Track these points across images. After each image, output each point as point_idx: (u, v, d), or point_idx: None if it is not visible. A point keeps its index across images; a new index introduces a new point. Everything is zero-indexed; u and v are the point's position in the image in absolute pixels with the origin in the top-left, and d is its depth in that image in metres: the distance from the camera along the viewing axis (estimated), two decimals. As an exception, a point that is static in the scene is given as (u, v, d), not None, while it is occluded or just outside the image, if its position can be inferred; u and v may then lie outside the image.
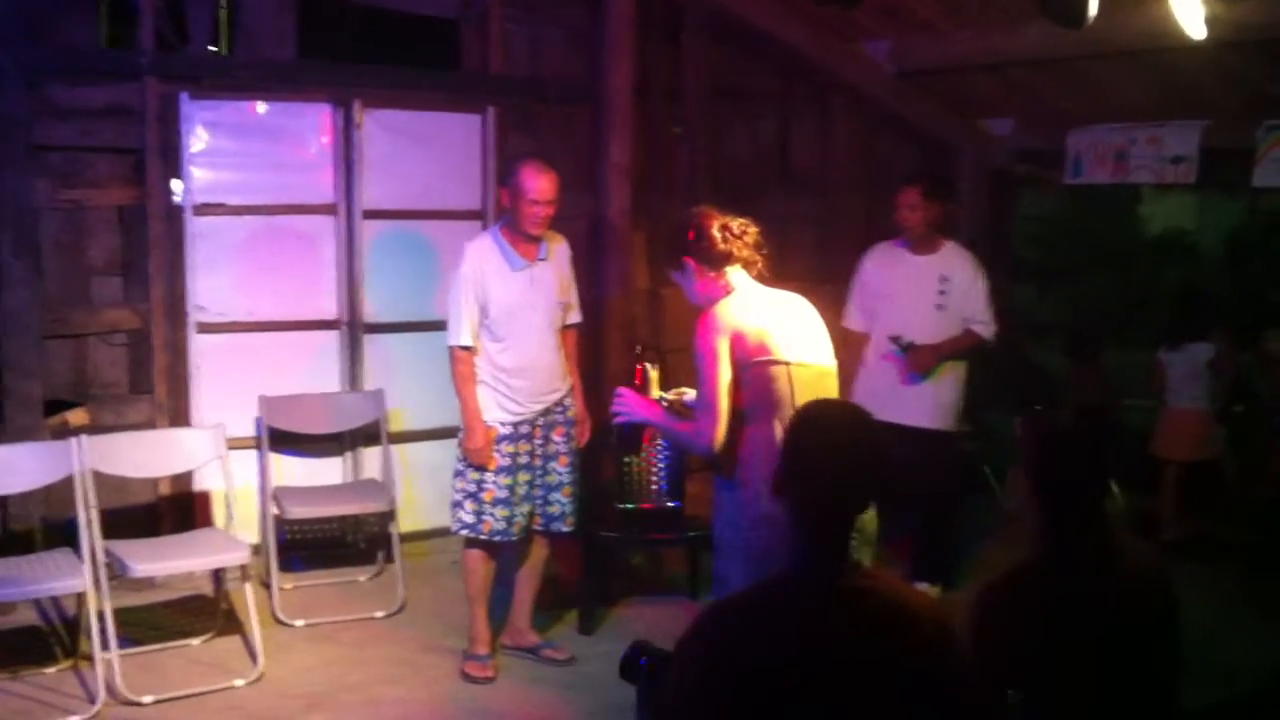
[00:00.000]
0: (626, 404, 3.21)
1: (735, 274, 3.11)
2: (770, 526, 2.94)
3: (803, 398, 2.90)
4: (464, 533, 4.11)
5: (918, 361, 4.68)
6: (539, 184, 3.96)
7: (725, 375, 2.95)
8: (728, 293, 3.09)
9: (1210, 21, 4.21)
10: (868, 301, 4.88)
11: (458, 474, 4.10)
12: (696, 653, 1.94)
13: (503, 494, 4.05)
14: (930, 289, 4.73)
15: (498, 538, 4.08)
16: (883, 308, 4.81)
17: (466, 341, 4.00)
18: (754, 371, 2.96)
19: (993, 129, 6.51)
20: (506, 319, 4.03)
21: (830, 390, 3.07)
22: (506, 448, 4.05)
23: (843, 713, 1.89)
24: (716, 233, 3.08)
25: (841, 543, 2.00)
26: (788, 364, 2.96)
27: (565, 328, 4.25)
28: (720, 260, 3.08)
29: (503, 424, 4.05)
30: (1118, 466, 5.11)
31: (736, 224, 3.12)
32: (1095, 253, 10.70)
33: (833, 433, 2.07)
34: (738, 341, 2.96)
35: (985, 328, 4.78)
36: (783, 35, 6.01)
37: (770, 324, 2.99)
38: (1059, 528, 2.33)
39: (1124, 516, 5.66)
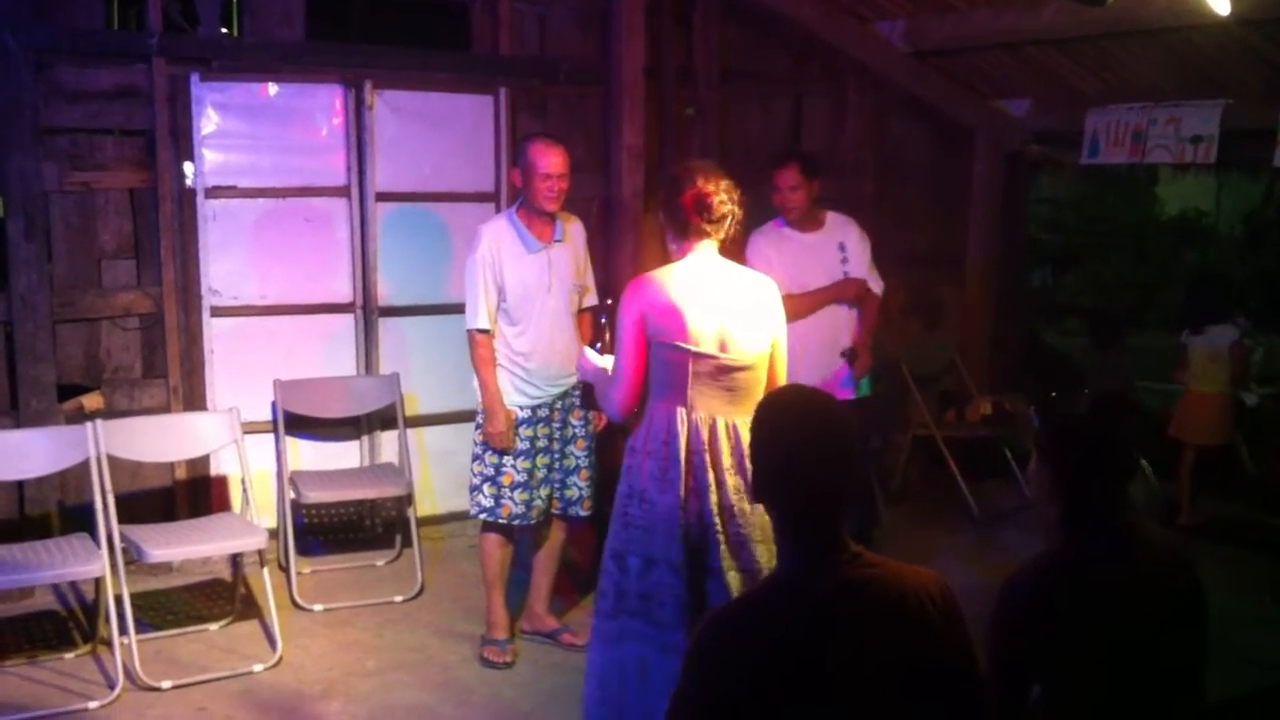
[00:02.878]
0: (582, 365, 3.25)
1: (700, 244, 3.04)
2: (639, 503, 2.99)
3: (697, 389, 2.93)
4: (482, 517, 4.10)
5: (862, 366, 4.59)
6: (549, 158, 3.94)
7: (634, 345, 2.96)
8: (680, 257, 3.05)
9: (1234, -1, 4.16)
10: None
11: (476, 458, 4.09)
12: (703, 664, 1.92)
13: (521, 478, 4.03)
14: (834, 262, 4.63)
15: (516, 521, 4.07)
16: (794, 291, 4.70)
17: (484, 325, 3.98)
18: (657, 350, 2.96)
19: (1008, 109, 6.45)
20: (522, 302, 4.01)
21: (742, 384, 2.99)
22: (525, 431, 4.03)
23: (855, 706, 1.88)
24: (689, 200, 2.99)
25: (834, 535, 1.98)
26: (688, 353, 2.93)
27: (581, 310, 4.22)
28: (681, 229, 3.04)
29: (521, 408, 4.03)
30: (1139, 450, 5.14)
31: (718, 198, 3.00)
32: (1111, 235, 10.66)
33: (801, 425, 2.04)
34: (648, 316, 2.94)
35: (877, 284, 4.71)
36: (795, 15, 5.97)
37: (685, 308, 2.93)
38: (1079, 516, 2.31)
39: (1156, 499, 5.64)
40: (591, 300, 4.28)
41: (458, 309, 4.12)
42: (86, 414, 4.58)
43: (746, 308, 3.02)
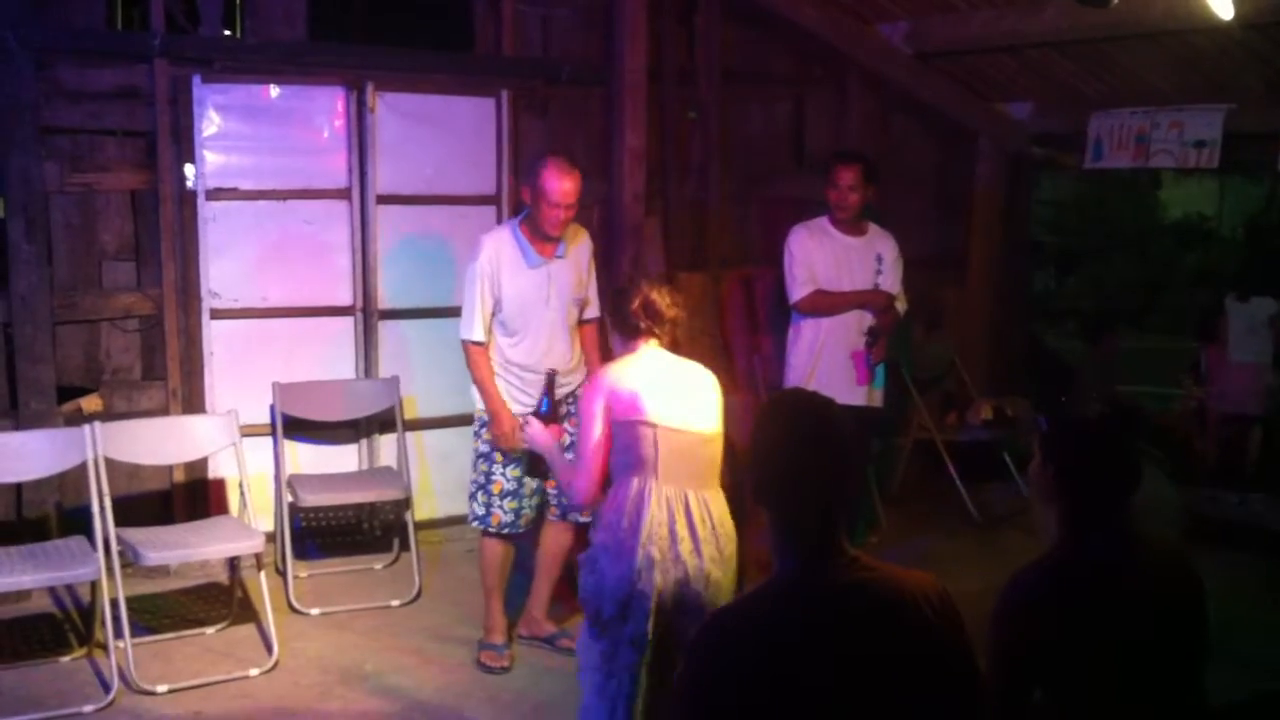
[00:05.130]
0: (528, 433, 3.40)
1: (647, 343, 3.23)
2: (591, 572, 3.13)
3: (667, 461, 3.07)
4: (475, 524, 4.12)
5: (881, 351, 4.75)
6: (561, 186, 3.88)
7: (598, 433, 3.11)
8: (630, 353, 3.23)
9: (1236, 1, 4.15)
10: (813, 276, 4.80)
11: (472, 465, 4.09)
12: (701, 667, 1.91)
13: (511, 486, 4.03)
14: (870, 270, 4.78)
15: (505, 530, 4.07)
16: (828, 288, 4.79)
17: (479, 337, 3.99)
18: (625, 430, 3.10)
19: (1011, 112, 6.44)
20: (519, 314, 4.01)
21: (706, 456, 3.14)
22: None
23: (853, 710, 1.87)
24: (638, 308, 3.19)
25: (832, 539, 1.97)
26: (654, 426, 3.06)
27: (583, 322, 4.21)
28: (631, 332, 3.22)
29: (515, 414, 4.02)
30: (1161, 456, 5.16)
31: (664, 302, 3.20)
32: (1113, 238, 10.66)
33: (802, 429, 2.04)
34: (613, 400, 3.10)
35: (903, 305, 4.88)
36: (797, 16, 5.95)
37: (647, 387, 3.11)
38: (1082, 518, 2.29)
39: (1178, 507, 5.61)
40: (592, 313, 4.26)
41: (458, 312, 4.11)
42: (85, 416, 4.57)
43: (698, 389, 3.21)
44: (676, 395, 3.14)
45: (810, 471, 1.99)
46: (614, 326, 3.30)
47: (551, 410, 3.49)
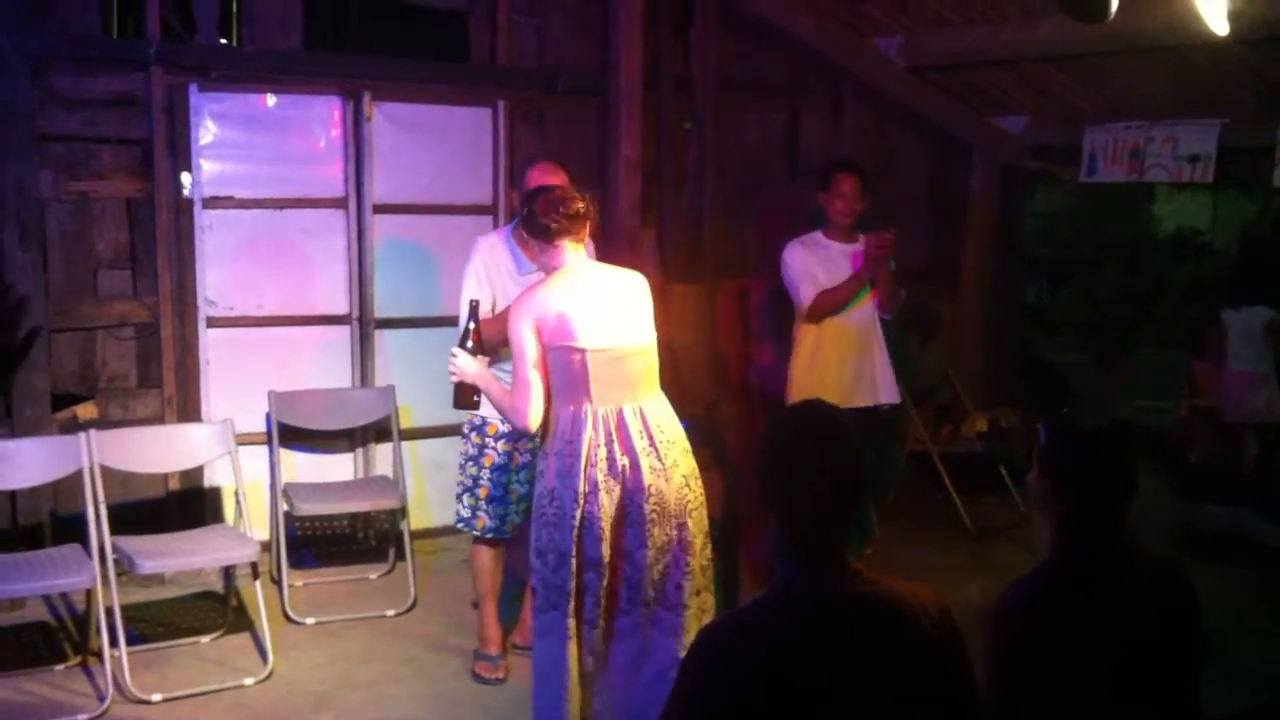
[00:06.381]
0: (457, 365, 3.36)
1: (568, 250, 3.22)
2: (550, 501, 3.18)
3: (599, 382, 3.11)
4: (461, 526, 4.12)
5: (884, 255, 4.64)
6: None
7: (533, 355, 3.15)
8: (558, 267, 3.23)
9: (1231, 17, 4.18)
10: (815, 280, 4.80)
11: (460, 467, 4.11)
12: (698, 675, 1.91)
13: (497, 492, 4.03)
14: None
15: (489, 534, 4.07)
16: None
17: None
18: (555, 355, 3.14)
19: (1006, 125, 6.46)
20: None
21: (640, 367, 3.19)
22: (503, 446, 4.02)
23: (848, 716, 1.87)
24: (543, 208, 3.19)
25: (835, 550, 1.98)
26: (584, 350, 3.10)
27: None
28: (538, 233, 3.22)
29: (502, 421, 4.01)
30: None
31: (563, 200, 3.19)
32: (1105, 250, 10.70)
33: (811, 439, 2.05)
34: (541, 325, 3.14)
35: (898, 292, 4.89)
36: (793, 28, 5.98)
37: (572, 308, 3.13)
38: (1078, 529, 2.30)
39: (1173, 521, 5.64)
40: None
41: (453, 322, 4.09)
42: (80, 424, 4.55)
43: (627, 300, 3.23)
44: (605, 312, 3.16)
45: (818, 481, 2.00)
46: (531, 235, 3.29)
47: (475, 340, 3.38)
